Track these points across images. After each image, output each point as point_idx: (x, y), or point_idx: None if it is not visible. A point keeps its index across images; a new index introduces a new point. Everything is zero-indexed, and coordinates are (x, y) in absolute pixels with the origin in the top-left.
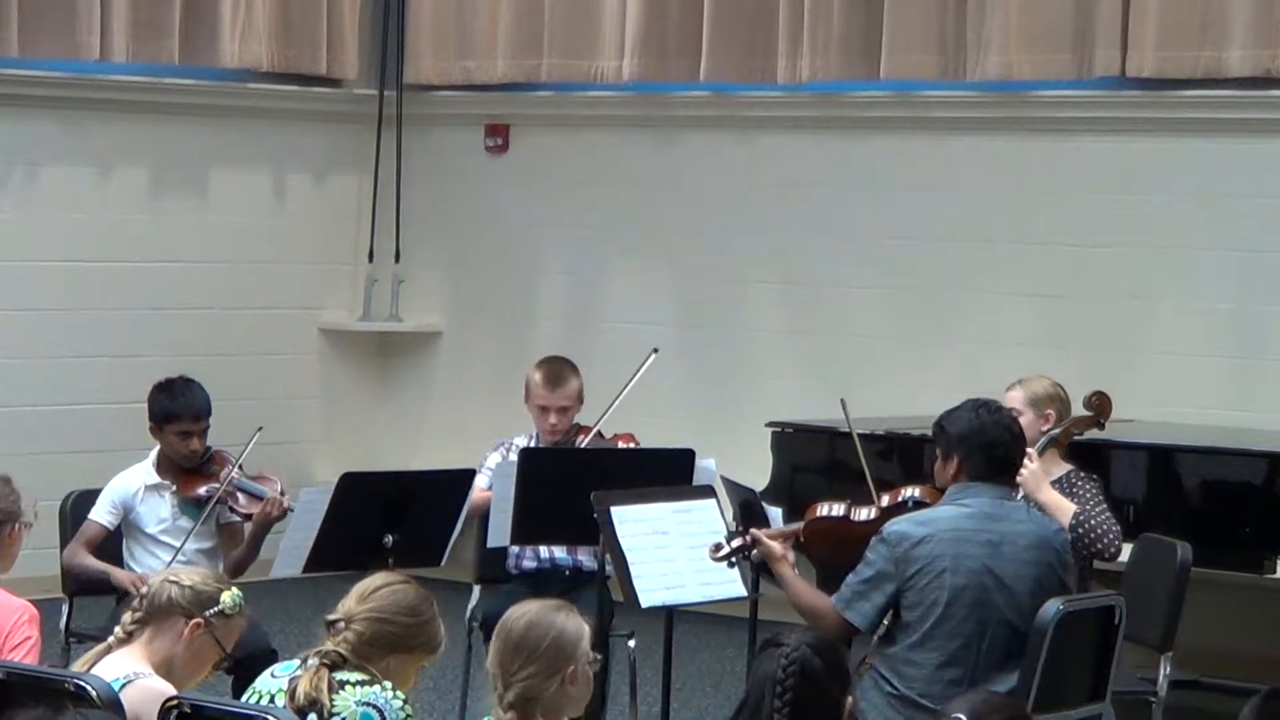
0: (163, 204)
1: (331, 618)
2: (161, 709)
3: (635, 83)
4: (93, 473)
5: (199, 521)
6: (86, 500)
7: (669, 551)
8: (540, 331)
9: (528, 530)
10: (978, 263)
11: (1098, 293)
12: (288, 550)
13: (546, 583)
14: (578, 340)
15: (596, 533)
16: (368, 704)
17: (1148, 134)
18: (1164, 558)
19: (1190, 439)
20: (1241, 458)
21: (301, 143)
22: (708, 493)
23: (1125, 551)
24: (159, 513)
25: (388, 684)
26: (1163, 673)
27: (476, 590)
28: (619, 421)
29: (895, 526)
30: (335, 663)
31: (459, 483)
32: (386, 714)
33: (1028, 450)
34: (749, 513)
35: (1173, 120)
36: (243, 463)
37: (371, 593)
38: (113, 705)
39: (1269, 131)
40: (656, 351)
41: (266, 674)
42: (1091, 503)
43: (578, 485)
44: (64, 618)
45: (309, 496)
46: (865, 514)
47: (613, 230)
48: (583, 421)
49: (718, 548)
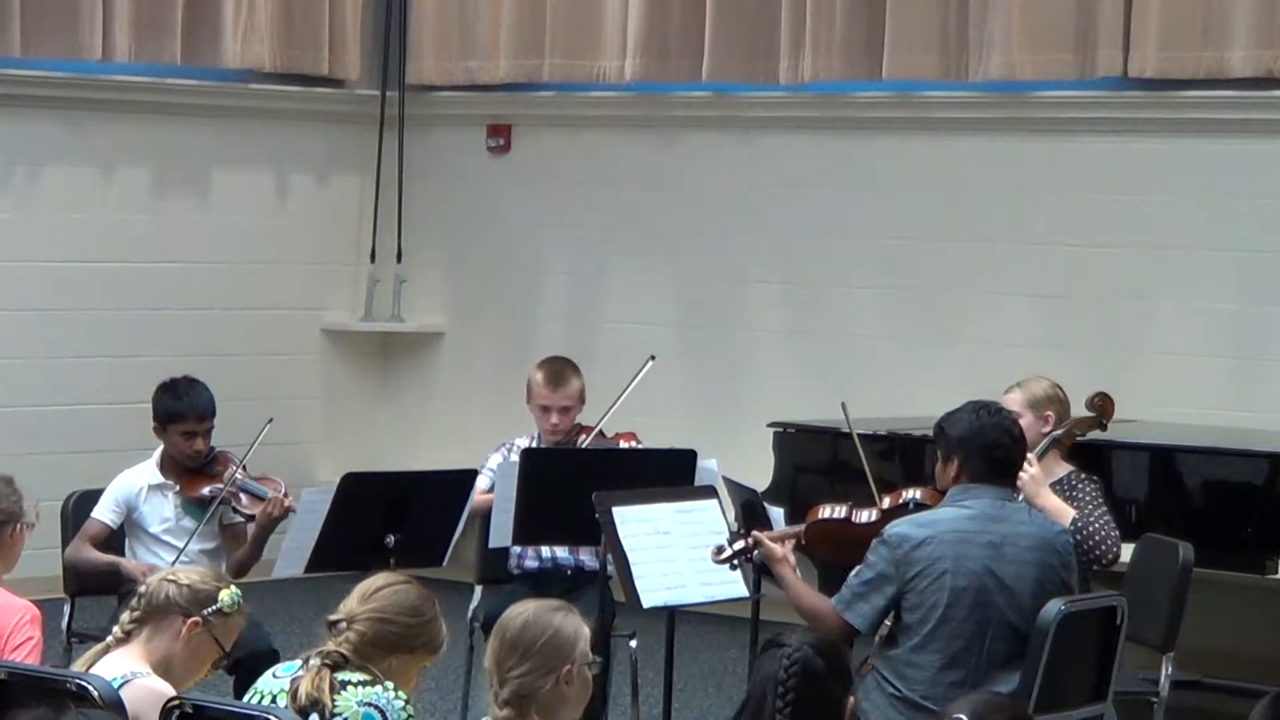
0: (164, 204)
1: (333, 618)
2: (163, 709)
3: (637, 83)
4: (94, 473)
5: (202, 522)
6: (88, 500)
7: (671, 552)
8: (542, 332)
9: (529, 530)
10: (978, 263)
11: (1098, 293)
12: (290, 550)
13: (548, 583)
14: (579, 340)
15: (598, 533)
16: (369, 704)
17: (1149, 134)
18: (1166, 558)
19: (1191, 439)
20: (1243, 458)
21: (303, 143)
22: (709, 493)
23: (1127, 552)
24: (162, 512)
25: (389, 684)
26: (1164, 673)
27: (478, 590)
28: (620, 422)
29: (896, 528)
30: (337, 663)
31: (461, 483)
32: (388, 714)
33: (1028, 455)
34: (750, 513)
35: (1174, 121)
36: (246, 463)
37: (373, 593)
38: (114, 705)
39: (1270, 132)
40: (654, 359)
41: (268, 674)
42: (1091, 506)
43: (579, 485)
44: (66, 618)
45: (311, 497)
46: (866, 516)
47: (614, 230)
48: (584, 422)
49: (719, 551)
